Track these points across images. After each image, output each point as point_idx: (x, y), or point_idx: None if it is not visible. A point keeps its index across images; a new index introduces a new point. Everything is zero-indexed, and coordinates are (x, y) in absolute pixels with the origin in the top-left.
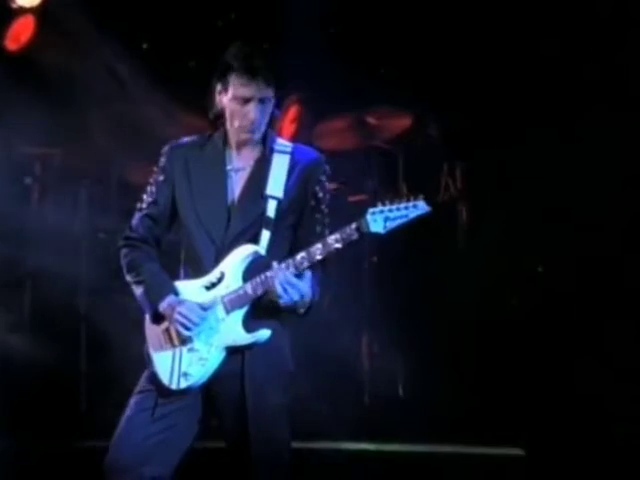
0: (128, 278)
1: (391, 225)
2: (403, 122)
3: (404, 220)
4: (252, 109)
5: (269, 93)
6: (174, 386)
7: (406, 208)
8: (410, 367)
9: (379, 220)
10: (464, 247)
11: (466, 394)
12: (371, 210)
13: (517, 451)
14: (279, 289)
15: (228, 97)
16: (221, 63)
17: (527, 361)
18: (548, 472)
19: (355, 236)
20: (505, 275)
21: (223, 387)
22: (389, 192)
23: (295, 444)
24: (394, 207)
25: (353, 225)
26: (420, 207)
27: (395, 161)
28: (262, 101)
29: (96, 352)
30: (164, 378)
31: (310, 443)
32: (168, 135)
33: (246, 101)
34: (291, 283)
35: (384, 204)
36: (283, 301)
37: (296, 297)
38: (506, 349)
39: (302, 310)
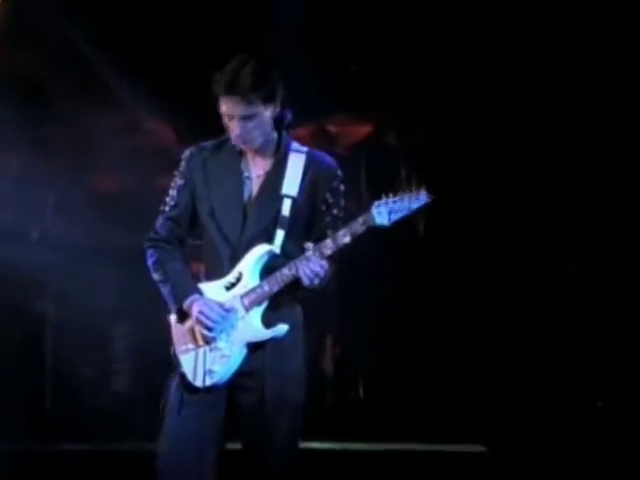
0: (155, 277)
1: (395, 217)
2: (362, 130)
3: (407, 212)
4: (235, 126)
5: (252, 110)
6: (200, 384)
7: (409, 200)
8: (371, 368)
9: (383, 213)
10: (422, 251)
11: (427, 392)
12: (376, 203)
13: (479, 448)
14: (305, 280)
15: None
16: (213, 78)
17: (488, 359)
18: (510, 468)
19: (362, 229)
20: (464, 278)
21: (246, 383)
22: (352, 198)
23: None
24: (397, 199)
25: (360, 219)
26: (422, 198)
27: (357, 168)
28: (245, 118)
29: (62, 355)
30: (191, 376)
31: None
32: (132, 144)
33: (230, 117)
34: (314, 273)
35: (387, 197)
36: (307, 287)
37: (317, 281)
38: (466, 348)
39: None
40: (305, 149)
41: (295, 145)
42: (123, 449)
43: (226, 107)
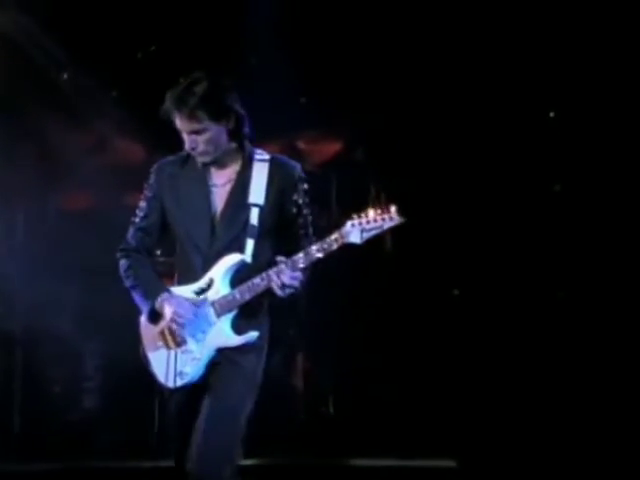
0: (126, 284)
1: (367, 235)
2: (332, 147)
3: (379, 231)
4: (187, 140)
5: (199, 126)
6: (171, 384)
7: (382, 220)
8: (341, 383)
9: (356, 232)
10: (391, 267)
11: (398, 407)
12: (350, 222)
13: (449, 463)
14: (278, 290)
15: None
16: (165, 95)
17: (458, 374)
18: None
19: (335, 246)
20: (433, 293)
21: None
22: (323, 215)
23: None
24: (370, 219)
25: (333, 236)
26: (394, 219)
27: (328, 184)
28: (194, 132)
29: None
30: (161, 377)
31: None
32: (102, 162)
33: (182, 132)
34: (286, 285)
35: (360, 217)
36: (280, 296)
37: (290, 290)
38: (436, 364)
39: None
40: (267, 156)
41: (258, 153)
42: (91, 467)
43: (177, 122)
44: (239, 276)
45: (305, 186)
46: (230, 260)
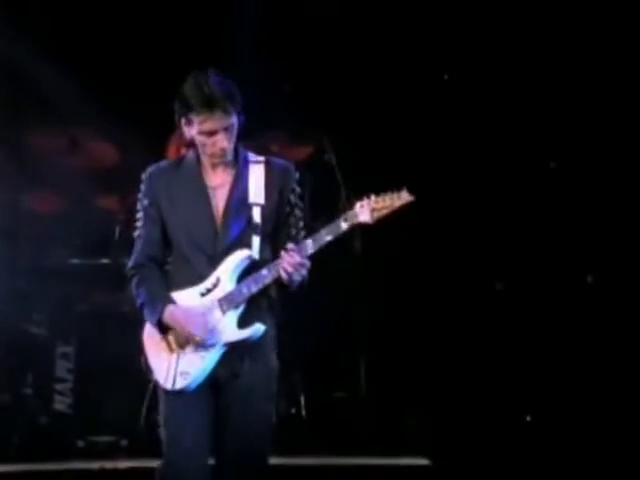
0: (137, 303)
1: (378, 215)
2: (304, 150)
3: (389, 209)
4: (219, 139)
5: (231, 120)
6: (170, 386)
7: (391, 199)
8: (312, 383)
9: (366, 211)
10: (360, 268)
11: (371, 406)
12: (359, 203)
13: (423, 461)
14: (285, 276)
15: (195, 131)
16: (180, 99)
17: (429, 372)
18: None
19: (344, 227)
20: (403, 294)
21: (222, 382)
22: None
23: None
24: (379, 198)
25: (342, 217)
26: (403, 197)
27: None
28: (227, 129)
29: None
30: (162, 380)
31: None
32: (73, 164)
33: (212, 133)
34: (297, 268)
35: (369, 197)
36: (295, 282)
37: (299, 278)
38: (407, 361)
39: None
40: (261, 158)
41: (251, 155)
42: (63, 469)
43: (207, 124)
44: (247, 273)
45: (297, 187)
46: (239, 256)
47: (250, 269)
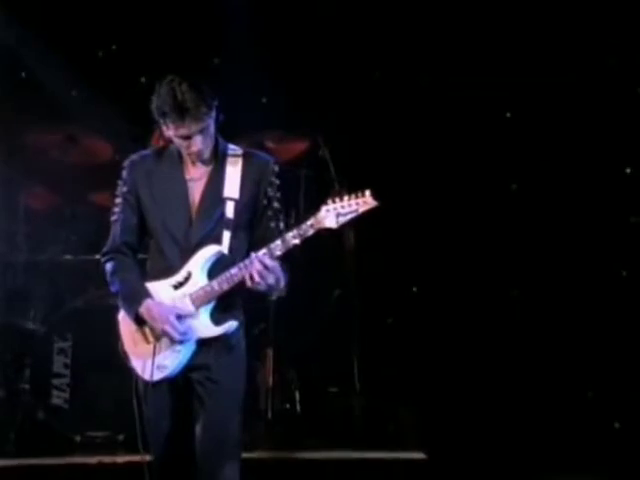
0: (111, 289)
1: (343, 220)
2: (299, 145)
3: (354, 215)
4: (194, 142)
5: (205, 123)
6: (148, 377)
7: (357, 204)
8: (308, 379)
9: (331, 216)
10: (352, 265)
11: (365, 401)
12: (324, 207)
13: (419, 455)
14: (256, 276)
15: (172, 133)
16: (155, 105)
17: (427, 366)
18: (450, 475)
19: (310, 232)
20: (399, 289)
21: (194, 377)
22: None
23: None
24: (345, 203)
25: (308, 222)
26: (369, 202)
27: (297, 182)
28: (202, 131)
29: None
30: (140, 371)
31: None
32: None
33: (187, 137)
34: (266, 269)
35: (334, 201)
36: (261, 286)
37: (270, 280)
38: (405, 356)
39: (275, 294)
40: (240, 151)
41: (231, 148)
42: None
43: (181, 129)
44: (217, 268)
45: (276, 180)
46: (208, 252)
47: (221, 263)
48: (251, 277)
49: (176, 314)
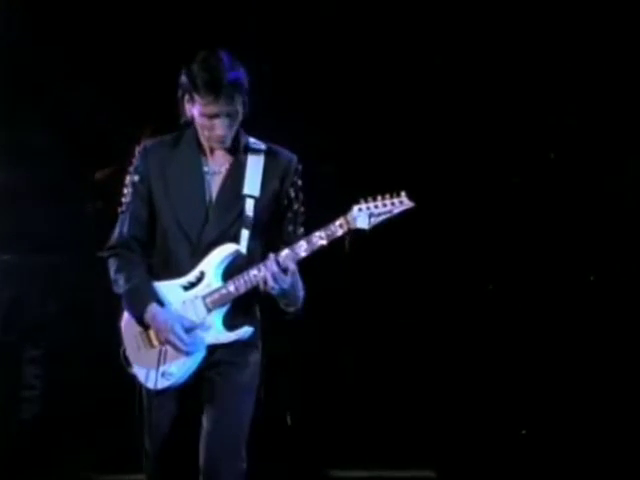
0: (115, 289)
1: (375, 221)
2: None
3: (388, 215)
4: (219, 124)
5: (235, 106)
6: (152, 386)
7: (392, 204)
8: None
9: (364, 216)
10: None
11: (376, 417)
12: (357, 207)
13: (428, 473)
14: (270, 279)
15: (196, 111)
16: (186, 77)
17: (435, 382)
18: None
19: (340, 232)
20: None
21: (206, 375)
22: None
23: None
24: (379, 203)
25: (337, 222)
26: (404, 202)
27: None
28: (229, 115)
29: None
30: (143, 378)
31: None
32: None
33: (213, 117)
34: (283, 272)
35: (367, 201)
36: (275, 290)
37: (286, 285)
38: (412, 370)
39: (294, 307)
40: (263, 146)
41: (252, 142)
42: None
43: (210, 107)
44: (232, 269)
45: (300, 180)
46: (225, 250)
47: (237, 264)
48: (264, 280)
49: (182, 325)
